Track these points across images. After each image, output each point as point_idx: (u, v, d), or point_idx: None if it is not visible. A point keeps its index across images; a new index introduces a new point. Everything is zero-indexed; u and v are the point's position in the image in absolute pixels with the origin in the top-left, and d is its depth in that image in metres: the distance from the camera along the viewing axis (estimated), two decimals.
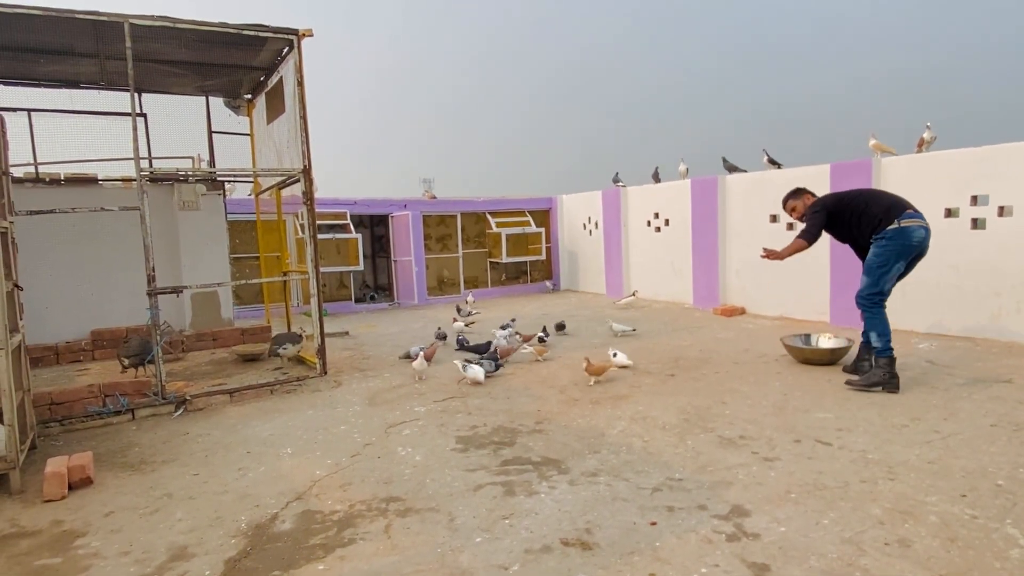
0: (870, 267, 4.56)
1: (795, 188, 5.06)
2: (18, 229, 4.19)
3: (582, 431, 3.96)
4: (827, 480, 3.03)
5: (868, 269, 4.58)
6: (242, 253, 9.60)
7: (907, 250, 4.48)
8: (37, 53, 5.72)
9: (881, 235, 4.50)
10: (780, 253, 4.75)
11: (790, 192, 5.06)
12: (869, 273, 4.57)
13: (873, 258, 4.54)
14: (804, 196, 4.99)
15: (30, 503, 3.24)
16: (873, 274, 4.53)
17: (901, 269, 4.56)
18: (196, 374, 5.98)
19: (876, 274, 4.52)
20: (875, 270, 4.52)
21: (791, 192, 5.06)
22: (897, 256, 4.48)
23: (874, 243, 4.56)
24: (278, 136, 6.48)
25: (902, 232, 4.45)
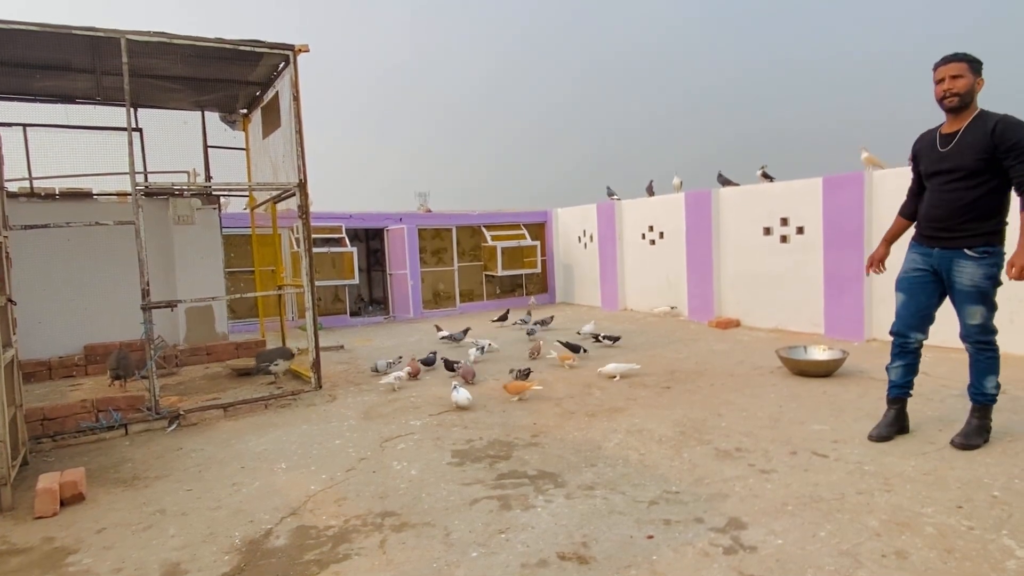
0: (987, 289, 3.34)
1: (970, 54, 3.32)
2: (12, 243, 4.17)
3: (578, 444, 3.95)
4: (823, 492, 3.02)
5: (985, 292, 3.34)
6: (237, 267, 9.59)
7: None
8: (34, 68, 5.74)
9: (994, 240, 3.33)
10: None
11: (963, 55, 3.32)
12: (986, 298, 3.35)
13: (987, 278, 3.32)
14: (979, 77, 3.32)
15: (21, 520, 3.20)
16: (990, 297, 3.37)
17: None
18: (190, 389, 5.95)
19: (993, 297, 3.38)
20: (992, 293, 3.37)
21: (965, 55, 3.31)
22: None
23: (979, 256, 3.31)
24: (274, 150, 6.50)
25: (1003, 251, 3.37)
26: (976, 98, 3.37)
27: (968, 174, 3.29)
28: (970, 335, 3.46)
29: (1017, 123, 3.20)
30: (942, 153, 3.41)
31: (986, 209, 3.30)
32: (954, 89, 3.31)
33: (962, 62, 3.32)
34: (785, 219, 7.80)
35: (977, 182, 3.28)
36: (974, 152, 3.26)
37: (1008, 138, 3.16)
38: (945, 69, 3.35)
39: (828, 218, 7.16)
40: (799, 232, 7.62)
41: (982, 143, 3.24)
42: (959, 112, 3.36)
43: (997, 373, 3.50)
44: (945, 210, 3.40)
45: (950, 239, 3.39)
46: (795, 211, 7.67)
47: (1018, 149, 3.15)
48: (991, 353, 3.47)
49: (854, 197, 6.85)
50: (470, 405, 4.87)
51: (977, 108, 3.36)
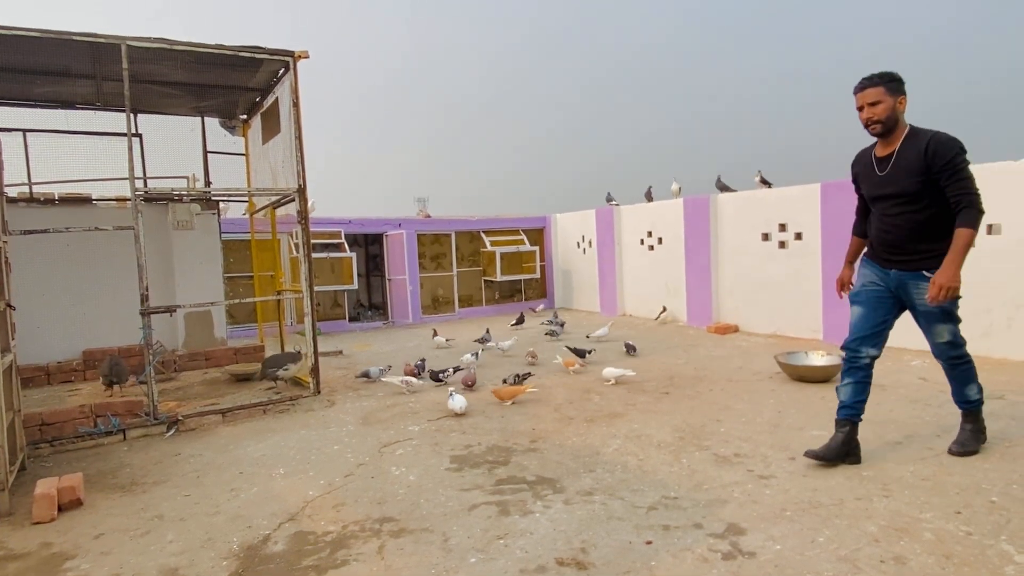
0: (950, 308, 3.24)
1: (886, 73, 3.19)
2: (12, 248, 4.18)
3: (577, 449, 3.94)
4: (822, 498, 3.02)
5: (949, 311, 3.25)
6: (236, 272, 9.60)
7: None
8: (34, 74, 5.76)
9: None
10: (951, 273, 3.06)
11: (879, 76, 3.18)
12: (951, 317, 3.28)
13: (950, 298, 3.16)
14: (900, 96, 3.19)
15: (19, 525, 3.19)
16: (954, 318, 3.30)
17: None
18: (189, 394, 5.94)
19: (956, 318, 3.31)
20: (956, 310, 3.29)
21: (881, 77, 3.18)
22: None
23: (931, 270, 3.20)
24: (273, 156, 6.51)
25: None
26: (902, 117, 3.24)
27: (911, 198, 3.19)
28: (942, 353, 3.40)
29: (948, 141, 3.10)
30: (881, 177, 3.30)
31: (938, 230, 3.18)
32: (874, 117, 3.19)
33: (878, 86, 3.17)
34: (783, 225, 7.82)
35: (923, 204, 3.18)
36: (911, 175, 3.16)
37: (941, 157, 3.06)
38: (862, 96, 3.22)
39: (827, 224, 7.18)
40: (797, 238, 7.64)
41: (917, 165, 3.13)
42: (887, 136, 3.25)
43: (976, 379, 3.45)
44: (896, 235, 3.29)
45: (907, 262, 3.29)
46: (793, 217, 7.69)
47: (951, 168, 3.06)
48: (965, 365, 3.41)
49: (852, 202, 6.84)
50: (466, 411, 4.87)
51: (906, 127, 3.24)
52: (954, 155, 3.06)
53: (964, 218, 3.07)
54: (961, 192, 3.06)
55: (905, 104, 3.23)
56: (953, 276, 3.05)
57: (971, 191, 3.07)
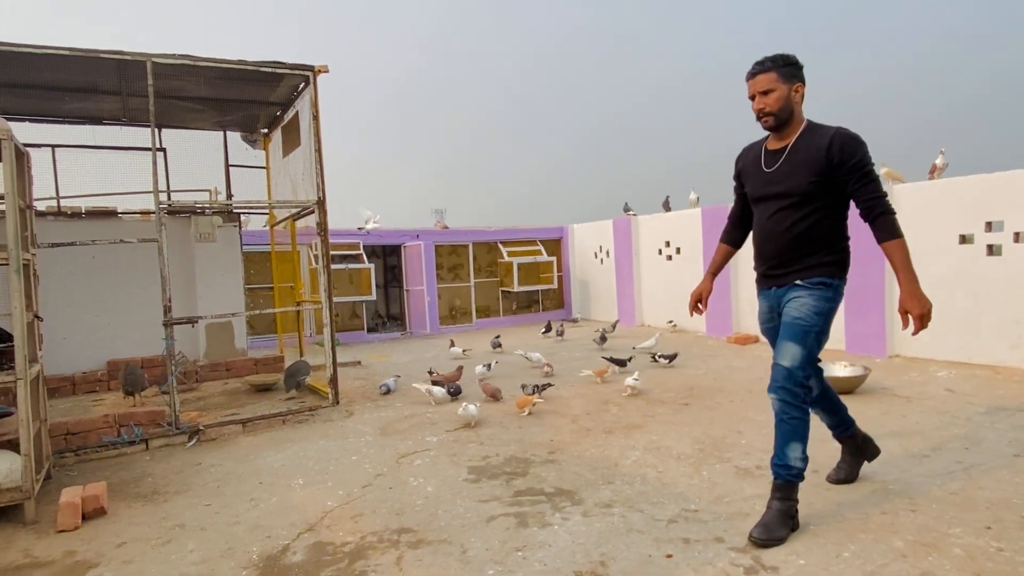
0: (809, 324, 2.75)
1: (780, 56, 2.77)
2: (39, 261, 4.27)
3: (595, 461, 3.91)
4: (847, 511, 2.97)
5: (806, 327, 2.75)
6: (256, 284, 9.71)
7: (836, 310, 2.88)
8: (63, 91, 5.91)
9: (834, 272, 2.83)
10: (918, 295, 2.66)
11: (771, 60, 2.77)
12: (805, 336, 2.75)
13: (814, 310, 2.76)
14: (796, 83, 2.78)
15: (44, 533, 3.24)
16: (810, 337, 2.76)
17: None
18: (209, 404, 6.01)
19: (814, 338, 2.78)
20: (814, 331, 2.77)
21: (773, 60, 2.76)
22: (833, 317, 2.85)
23: (811, 287, 2.80)
24: (293, 169, 6.60)
25: (844, 284, 2.91)
26: (799, 108, 2.82)
27: (801, 200, 2.76)
28: (776, 379, 2.78)
29: (853, 137, 2.70)
30: (769, 174, 2.84)
31: (822, 239, 2.79)
32: (766, 108, 2.76)
33: (770, 71, 2.75)
34: None
35: (811, 208, 2.76)
36: (807, 173, 2.72)
37: (848, 155, 2.66)
38: (753, 84, 2.79)
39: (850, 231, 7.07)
40: None
41: (816, 163, 2.70)
42: (781, 130, 2.83)
43: (804, 441, 2.78)
44: (776, 244, 2.85)
45: (783, 275, 2.87)
46: None
47: (860, 168, 2.67)
48: (797, 413, 2.76)
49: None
50: (479, 421, 4.87)
51: (803, 120, 2.83)
52: (863, 152, 2.67)
53: (888, 228, 2.68)
54: (875, 196, 2.69)
55: (803, 92, 2.79)
56: (922, 299, 2.62)
57: (882, 194, 2.71)
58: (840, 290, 2.84)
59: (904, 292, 2.66)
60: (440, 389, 5.69)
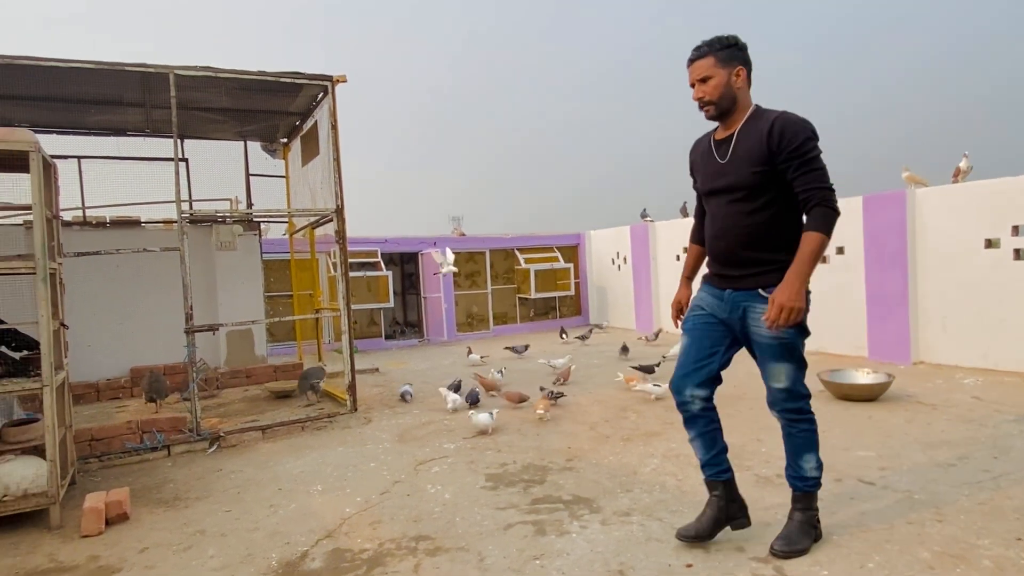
0: (792, 341, 2.55)
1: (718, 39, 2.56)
2: (65, 270, 4.35)
3: (614, 469, 3.89)
4: (871, 521, 2.91)
5: (790, 345, 2.55)
6: (276, 291, 9.81)
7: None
8: (89, 104, 6.03)
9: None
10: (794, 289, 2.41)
11: (707, 44, 2.56)
12: (792, 352, 2.57)
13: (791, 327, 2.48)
14: (737, 66, 2.55)
15: (68, 538, 3.29)
16: (797, 351, 2.59)
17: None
18: (230, 411, 6.07)
19: (800, 357, 2.61)
20: (799, 342, 2.59)
21: (710, 44, 2.56)
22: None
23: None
24: (312, 177, 6.67)
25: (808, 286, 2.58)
26: (744, 94, 2.57)
27: (748, 192, 2.52)
28: (776, 402, 2.67)
29: (796, 122, 2.45)
30: (718, 166, 2.62)
31: (778, 236, 2.54)
32: (705, 96, 2.56)
33: (706, 56, 2.53)
34: None
35: (762, 202, 2.52)
36: (750, 163, 2.49)
37: (788, 141, 2.41)
38: (691, 71, 2.59)
39: (869, 238, 6.99)
40: (839, 252, 7.45)
41: (758, 151, 2.47)
42: (725, 118, 2.62)
43: (817, 449, 2.69)
44: (727, 240, 2.62)
45: (740, 277, 2.60)
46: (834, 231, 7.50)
47: (800, 155, 2.42)
48: (806, 424, 2.66)
49: (896, 216, 6.68)
50: (495, 428, 4.86)
51: (751, 105, 2.60)
52: (804, 139, 2.41)
53: (815, 220, 2.44)
54: (812, 186, 2.42)
55: (745, 76, 2.55)
56: (797, 293, 2.37)
57: (824, 185, 2.44)
58: (808, 299, 2.52)
59: (784, 281, 2.41)
60: (457, 396, 5.70)
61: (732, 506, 2.79)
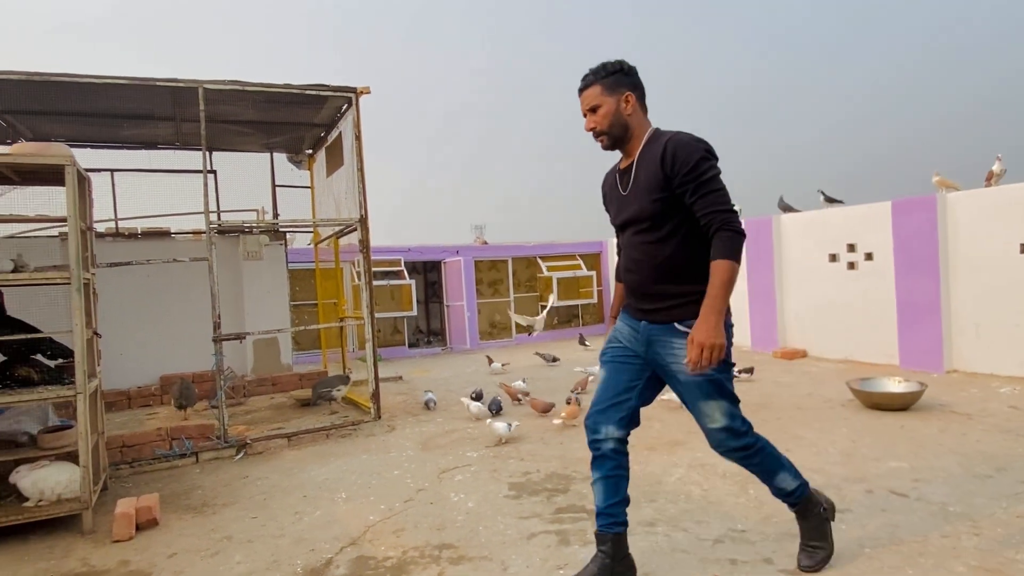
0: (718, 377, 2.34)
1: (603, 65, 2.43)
2: (98, 280, 4.46)
3: (637, 478, 3.84)
4: (904, 534, 2.84)
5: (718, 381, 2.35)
6: (301, 300, 9.94)
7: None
8: (121, 118, 6.20)
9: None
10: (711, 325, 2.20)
11: (592, 72, 2.44)
12: (722, 389, 2.36)
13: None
14: (625, 92, 2.41)
15: (100, 543, 3.35)
16: (727, 386, 2.38)
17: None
18: (257, 418, 6.14)
19: (730, 392, 2.40)
20: (726, 377, 2.38)
21: (595, 72, 2.43)
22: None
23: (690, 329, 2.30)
24: (336, 188, 6.76)
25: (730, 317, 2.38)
26: (637, 120, 2.42)
27: (652, 223, 2.35)
28: (719, 444, 2.45)
29: (688, 143, 2.29)
30: (622, 198, 2.46)
31: (690, 265, 2.34)
32: (596, 127, 2.41)
33: (592, 86, 2.40)
34: (852, 245, 7.52)
35: (667, 230, 2.34)
36: (649, 191, 2.32)
37: (681, 164, 2.25)
38: (581, 101, 2.45)
39: (899, 244, 6.86)
40: (868, 258, 7.33)
41: (655, 178, 2.31)
42: (622, 147, 2.47)
43: (783, 464, 2.53)
44: (639, 274, 2.43)
45: (654, 311, 2.41)
46: (863, 237, 7.39)
47: (694, 177, 2.24)
48: (758, 455, 2.46)
49: (927, 221, 6.55)
50: (513, 438, 4.85)
51: (648, 129, 2.44)
52: (698, 160, 2.24)
53: (719, 247, 2.24)
54: (711, 210, 2.25)
55: (635, 101, 2.40)
56: (715, 329, 2.18)
57: (723, 207, 2.26)
58: (730, 331, 2.35)
59: (700, 317, 2.22)
60: (479, 404, 5.70)
61: (619, 565, 2.50)
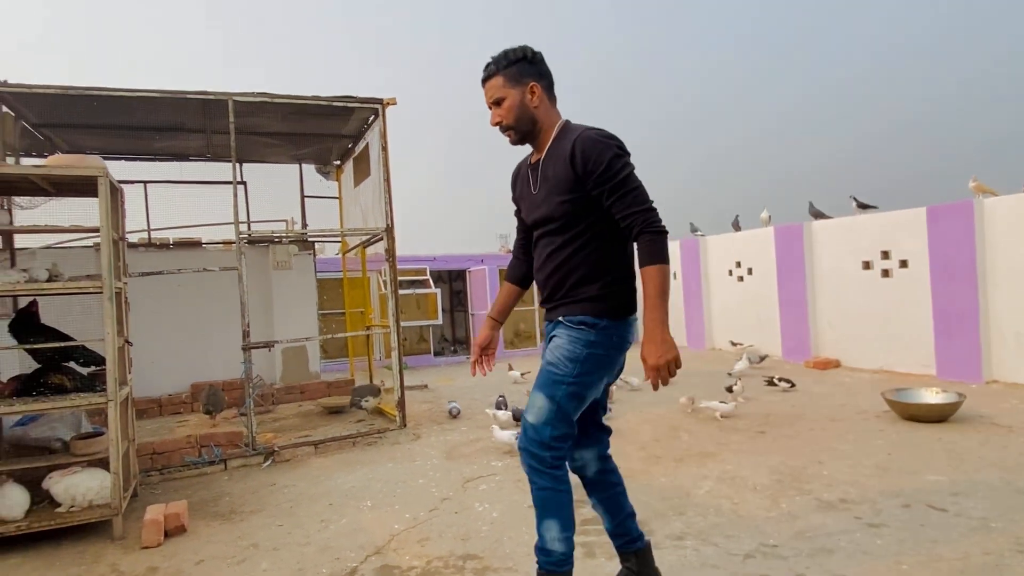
0: (562, 373, 2.15)
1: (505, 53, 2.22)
2: (131, 289, 4.55)
3: (665, 491, 3.78)
4: (943, 551, 2.73)
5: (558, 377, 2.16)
6: (329, 309, 10.04)
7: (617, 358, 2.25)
8: (153, 131, 6.35)
9: (601, 311, 2.17)
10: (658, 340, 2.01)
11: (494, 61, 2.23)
12: (555, 387, 2.15)
13: (567, 355, 2.16)
14: (530, 82, 2.21)
15: (129, 549, 3.40)
16: (561, 389, 2.14)
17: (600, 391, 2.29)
18: (285, 426, 6.20)
19: (566, 390, 2.14)
20: (567, 382, 2.14)
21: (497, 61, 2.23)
22: (611, 362, 2.22)
23: (572, 326, 2.19)
24: (363, 198, 6.82)
25: (627, 325, 2.23)
26: (545, 112, 2.24)
27: (562, 225, 2.19)
28: (522, 437, 2.23)
29: (598, 140, 2.10)
30: (533, 196, 2.29)
31: (594, 269, 2.17)
32: (502, 121, 2.24)
33: (495, 76, 2.22)
34: (886, 252, 7.34)
35: (575, 233, 2.18)
36: (559, 192, 2.16)
37: (593, 164, 2.07)
38: (484, 93, 2.27)
39: (935, 250, 6.67)
40: (903, 266, 7.14)
41: (564, 178, 2.14)
42: (531, 141, 2.30)
43: (563, 517, 2.18)
44: (543, 274, 2.29)
45: (554, 310, 2.28)
46: (897, 243, 7.21)
47: (609, 178, 2.07)
48: (545, 482, 2.17)
49: (963, 227, 6.36)
50: (514, 447, 4.81)
51: (558, 122, 2.26)
52: (611, 157, 2.07)
53: (644, 252, 2.07)
54: (631, 210, 2.07)
55: (541, 92, 2.22)
56: (663, 343, 2.00)
57: (642, 206, 2.08)
58: (609, 335, 2.16)
59: (645, 334, 2.05)
60: (504, 412, 5.67)
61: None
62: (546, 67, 2.27)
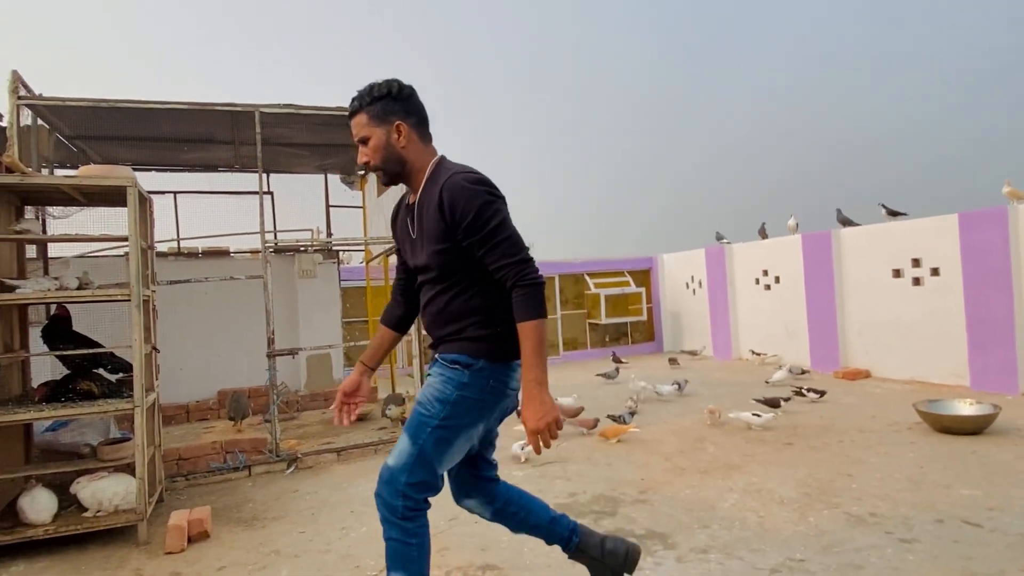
0: (428, 414, 2.04)
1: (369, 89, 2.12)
2: (159, 297, 4.64)
3: (690, 503, 3.72)
4: (978, 567, 2.64)
5: (422, 418, 2.04)
6: (353, 317, 10.11)
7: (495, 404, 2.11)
8: (182, 142, 6.49)
9: (477, 351, 2.05)
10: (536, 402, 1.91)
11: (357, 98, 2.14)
12: (419, 430, 2.03)
13: (436, 396, 2.05)
14: (395, 121, 2.08)
15: (153, 554, 3.44)
16: (425, 432, 2.03)
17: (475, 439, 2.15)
18: (308, 433, 6.24)
19: (431, 434, 2.02)
20: (432, 425, 2.03)
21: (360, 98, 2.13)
22: (485, 408, 2.09)
23: (445, 365, 2.09)
24: (387, 207, 6.88)
25: (508, 370, 2.09)
26: (414, 152, 2.09)
27: (440, 273, 2.06)
28: (379, 482, 2.07)
29: (466, 188, 1.96)
30: (413, 241, 2.14)
31: (471, 311, 2.06)
32: (371, 162, 2.10)
33: (358, 114, 2.09)
34: (917, 260, 7.17)
35: (455, 279, 2.06)
36: (432, 241, 2.02)
37: (462, 214, 1.94)
38: (351, 129, 2.14)
39: (967, 258, 6.50)
40: (934, 274, 6.97)
41: (436, 227, 2.00)
42: (405, 181, 2.15)
43: (409, 572, 2.04)
44: (428, 316, 2.17)
45: (435, 348, 2.19)
46: (928, 251, 7.04)
47: (479, 227, 1.94)
48: (395, 532, 2.04)
49: (997, 234, 6.19)
50: (525, 457, 4.80)
51: (432, 159, 2.12)
52: (480, 207, 1.94)
53: (519, 307, 1.94)
54: (503, 262, 1.96)
55: (408, 130, 2.07)
56: (543, 406, 1.90)
57: (515, 257, 1.96)
58: (484, 377, 2.03)
59: (524, 395, 1.94)
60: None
61: (605, 556, 2.39)
62: (415, 102, 2.12)
